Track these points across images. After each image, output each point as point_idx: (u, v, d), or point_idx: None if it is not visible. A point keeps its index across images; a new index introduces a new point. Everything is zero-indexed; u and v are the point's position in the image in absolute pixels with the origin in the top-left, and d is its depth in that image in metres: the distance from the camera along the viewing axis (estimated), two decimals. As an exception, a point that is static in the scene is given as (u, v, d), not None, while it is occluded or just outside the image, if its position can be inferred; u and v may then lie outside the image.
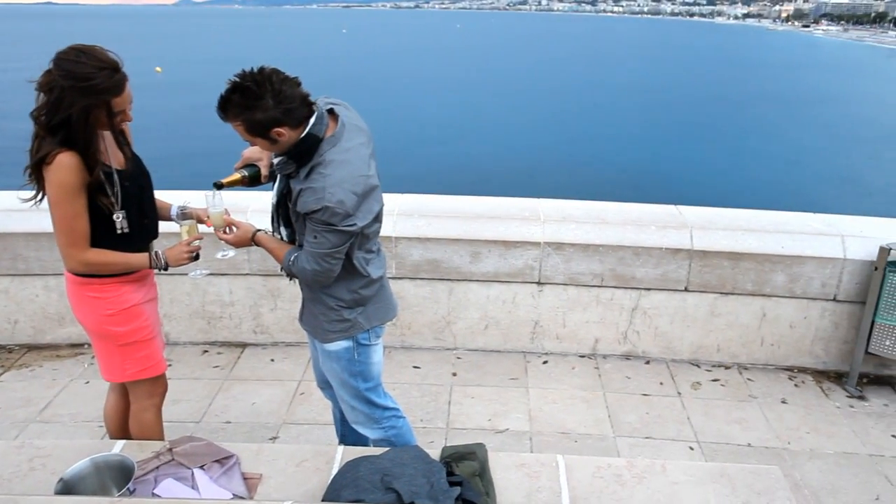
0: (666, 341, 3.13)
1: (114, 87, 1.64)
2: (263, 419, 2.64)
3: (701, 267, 2.98)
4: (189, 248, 1.87)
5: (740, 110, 25.13)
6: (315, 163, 1.63)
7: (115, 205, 1.77)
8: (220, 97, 1.54)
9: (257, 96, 1.51)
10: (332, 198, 1.57)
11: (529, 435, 2.59)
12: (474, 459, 1.80)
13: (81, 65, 1.61)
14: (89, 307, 1.88)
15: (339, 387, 1.95)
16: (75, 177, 1.69)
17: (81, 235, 1.76)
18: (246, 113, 1.53)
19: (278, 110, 1.53)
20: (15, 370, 2.99)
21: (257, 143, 1.63)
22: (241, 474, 1.77)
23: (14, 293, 3.08)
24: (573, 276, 3.02)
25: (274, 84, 1.53)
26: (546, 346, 3.16)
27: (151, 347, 1.99)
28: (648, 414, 2.74)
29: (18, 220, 3.00)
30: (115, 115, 1.69)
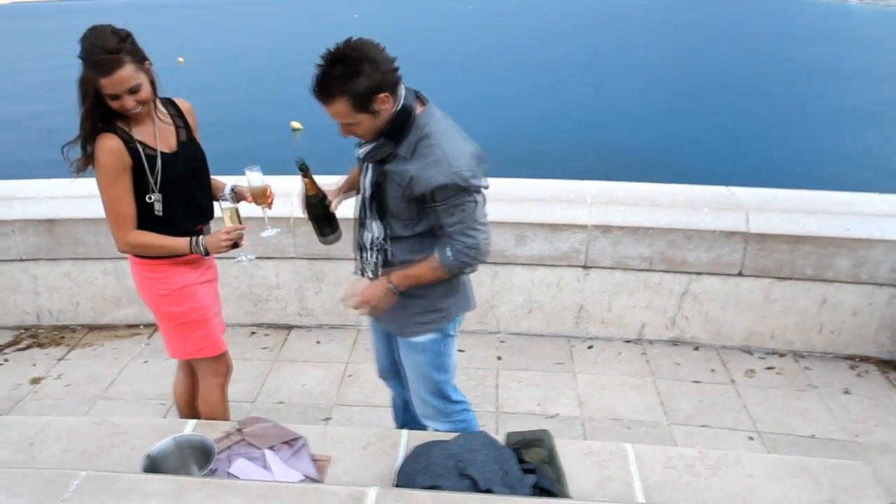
0: (716, 327, 3.00)
1: (100, 66, 1.57)
2: (315, 400, 2.63)
3: (757, 250, 2.83)
4: (228, 237, 1.80)
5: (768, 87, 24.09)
6: (418, 137, 1.53)
7: (153, 188, 1.75)
8: (317, 78, 1.46)
9: (357, 62, 1.43)
10: (457, 163, 1.50)
11: (581, 420, 2.51)
12: (542, 446, 1.73)
13: (85, 40, 1.60)
14: (147, 286, 1.88)
15: (417, 380, 1.85)
16: (116, 159, 1.68)
17: (126, 217, 1.74)
18: (350, 83, 1.43)
19: (378, 73, 1.45)
20: (80, 349, 3.04)
21: (360, 122, 1.50)
22: (310, 456, 1.76)
23: (76, 276, 3.12)
24: (621, 259, 2.90)
25: (367, 48, 1.45)
26: (591, 330, 3.06)
27: (207, 328, 1.97)
28: (702, 402, 2.63)
29: (79, 207, 3.03)
30: (110, 98, 1.62)
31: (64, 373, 2.85)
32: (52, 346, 3.07)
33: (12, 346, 3.09)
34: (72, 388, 2.75)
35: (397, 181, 1.58)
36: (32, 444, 1.85)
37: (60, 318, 3.21)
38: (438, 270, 1.62)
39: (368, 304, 1.70)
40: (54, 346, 3.07)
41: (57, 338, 3.13)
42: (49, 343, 3.09)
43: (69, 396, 2.69)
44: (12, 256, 3.07)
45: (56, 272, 3.11)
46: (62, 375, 2.84)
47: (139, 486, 1.36)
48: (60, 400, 2.67)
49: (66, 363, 2.93)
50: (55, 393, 2.72)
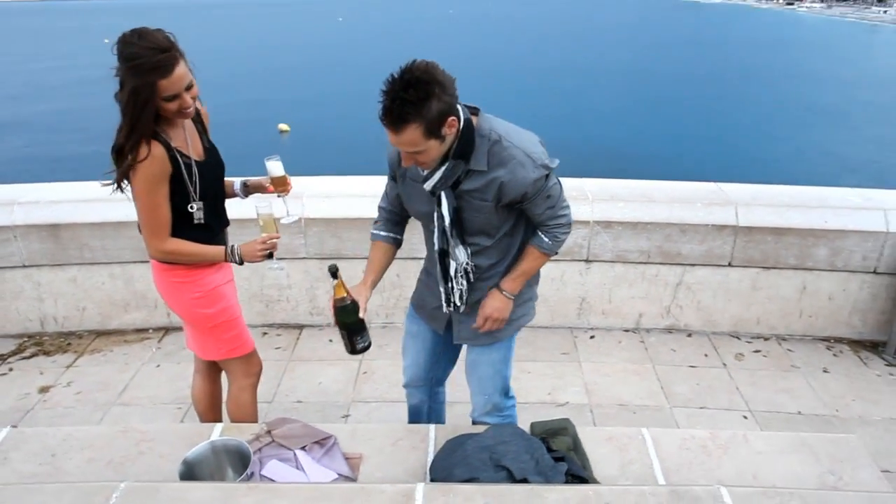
0: (707, 314, 3.10)
1: (158, 67, 1.52)
2: (332, 398, 2.62)
3: (745, 242, 2.93)
4: (264, 246, 1.79)
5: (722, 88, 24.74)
6: (489, 145, 1.49)
7: (194, 197, 1.72)
8: (386, 106, 1.36)
9: (428, 84, 1.35)
10: (537, 155, 1.51)
11: (589, 407, 2.57)
12: (566, 434, 1.78)
13: (130, 45, 1.53)
14: (176, 293, 1.85)
15: (489, 379, 1.85)
16: (160, 167, 1.63)
17: (162, 225, 1.71)
18: (424, 107, 1.35)
19: (447, 95, 1.38)
20: (88, 355, 2.96)
21: (429, 149, 1.42)
22: (343, 454, 1.76)
23: (82, 281, 3.03)
24: (621, 253, 2.97)
25: (435, 70, 1.38)
26: (592, 321, 3.13)
27: (238, 327, 1.96)
28: (699, 385, 2.72)
29: (85, 211, 2.94)
30: (166, 100, 1.57)
31: (73, 380, 2.78)
32: (58, 353, 2.98)
33: (16, 354, 2.98)
34: (83, 395, 2.68)
35: (481, 195, 1.54)
36: (55, 455, 1.80)
37: (66, 324, 3.12)
38: (542, 259, 1.67)
39: (496, 320, 1.70)
40: (61, 353, 2.99)
41: (63, 345, 3.04)
42: (55, 350, 3.00)
43: (81, 404, 2.62)
44: (14, 263, 2.97)
45: (61, 278, 3.02)
46: (72, 383, 2.76)
47: (183, 495, 1.32)
48: (72, 408, 2.60)
49: (75, 370, 2.85)
50: (66, 401, 2.65)
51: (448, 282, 1.71)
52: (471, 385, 1.92)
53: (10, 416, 2.55)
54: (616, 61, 31.78)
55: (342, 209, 2.95)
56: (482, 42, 40.18)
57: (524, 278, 1.71)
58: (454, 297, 1.72)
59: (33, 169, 13.53)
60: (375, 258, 1.76)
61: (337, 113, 19.33)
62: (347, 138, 15.27)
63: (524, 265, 1.68)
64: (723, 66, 29.91)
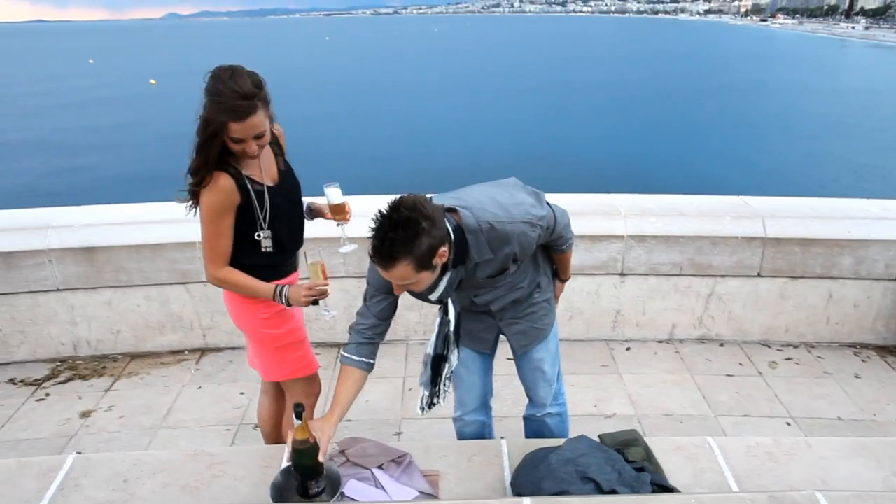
0: (738, 324, 3.17)
1: (234, 111, 1.54)
2: (382, 415, 2.62)
3: (774, 253, 3.01)
4: (310, 293, 1.77)
5: (699, 103, 25.38)
6: (484, 236, 1.50)
7: (262, 225, 1.73)
8: (376, 246, 1.36)
9: (416, 222, 1.35)
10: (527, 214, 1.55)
11: (637, 418, 2.60)
12: (638, 445, 1.80)
13: (220, 81, 1.55)
14: (245, 312, 1.85)
15: (551, 364, 1.92)
16: (226, 198, 1.65)
17: (220, 254, 1.73)
18: (413, 245, 1.35)
19: (437, 229, 1.38)
20: (125, 378, 2.92)
21: (420, 280, 1.43)
22: (420, 471, 1.76)
23: (116, 304, 3.00)
24: (654, 266, 3.03)
25: (422, 206, 1.37)
26: (627, 333, 3.18)
27: (304, 348, 1.97)
28: (739, 393, 2.77)
29: (121, 234, 2.93)
30: (232, 141, 1.59)
31: (114, 404, 2.74)
32: (94, 377, 2.94)
33: (51, 379, 2.94)
34: (126, 419, 2.64)
35: (499, 271, 1.61)
36: (127, 481, 1.78)
37: (99, 347, 3.08)
38: (570, 253, 1.86)
39: None
40: (97, 376, 2.94)
41: (98, 368, 3.00)
42: (91, 374, 2.96)
43: (126, 428, 2.58)
44: (48, 287, 2.93)
45: (96, 301, 2.99)
46: (113, 407, 2.72)
47: None
48: (117, 433, 2.56)
49: (115, 394, 2.81)
50: (110, 426, 2.60)
51: (437, 385, 1.78)
52: (532, 381, 1.95)
53: (55, 441, 2.51)
54: (594, 78, 32.41)
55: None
56: (466, 60, 40.73)
57: (568, 268, 1.94)
58: (438, 400, 1.81)
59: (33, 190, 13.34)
60: (345, 389, 1.64)
61: (344, 131, 19.41)
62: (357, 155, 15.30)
63: (564, 261, 1.89)
64: (703, 80, 30.67)
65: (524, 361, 1.93)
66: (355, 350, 1.64)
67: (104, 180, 14.74)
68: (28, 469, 1.80)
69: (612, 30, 68.95)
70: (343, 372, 1.65)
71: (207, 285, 2.98)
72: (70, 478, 1.77)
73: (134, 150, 18.13)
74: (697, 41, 57.88)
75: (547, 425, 2.03)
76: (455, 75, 33.36)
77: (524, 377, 1.97)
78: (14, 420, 2.65)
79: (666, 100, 26.14)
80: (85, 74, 37.69)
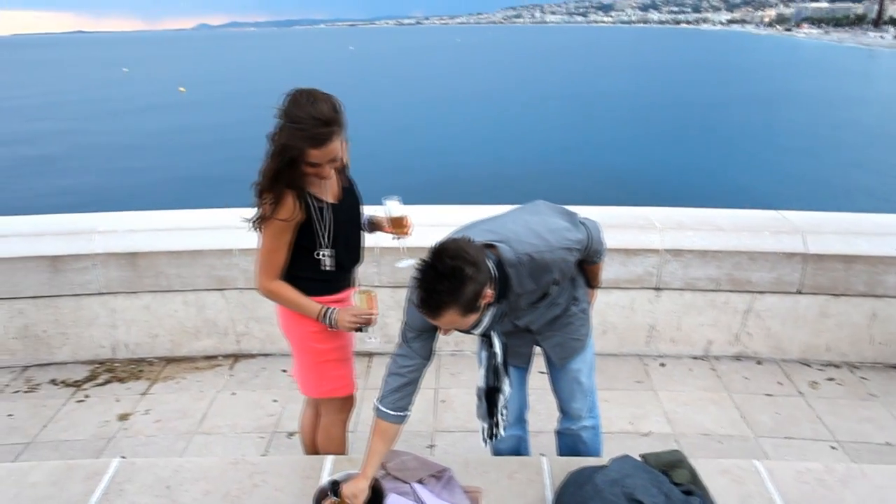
0: (776, 342, 3.08)
1: (314, 138, 1.54)
2: (414, 427, 2.59)
3: (815, 270, 2.92)
4: (356, 320, 1.77)
5: (725, 113, 24.97)
6: (525, 269, 1.49)
7: (322, 243, 1.72)
8: (422, 298, 1.37)
9: (461, 271, 1.34)
10: (564, 241, 1.55)
11: (674, 437, 2.53)
12: (683, 467, 1.75)
13: (300, 108, 1.54)
14: (296, 323, 1.84)
15: (588, 377, 1.90)
16: (289, 215, 1.64)
17: (274, 267, 1.73)
18: (459, 294, 1.35)
19: (480, 273, 1.37)
20: (162, 382, 2.96)
21: (467, 321, 1.43)
22: (461, 488, 1.73)
23: (155, 308, 3.05)
24: (690, 281, 2.97)
25: (465, 251, 1.37)
26: (661, 348, 3.11)
27: (346, 368, 1.95)
28: (779, 414, 2.68)
29: (161, 239, 2.98)
30: (309, 165, 1.59)
31: (151, 408, 2.77)
32: (131, 380, 2.99)
33: (90, 381, 2.99)
34: (163, 423, 2.67)
35: (532, 299, 1.61)
36: (169, 487, 1.79)
37: (137, 350, 3.13)
38: (602, 264, 1.84)
39: None
40: (134, 379, 2.99)
41: (135, 371, 3.05)
42: (128, 377, 3.00)
43: (163, 433, 2.61)
44: (91, 290, 2.99)
45: (135, 305, 3.04)
46: (150, 411, 2.75)
47: None
48: (154, 437, 2.59)
49: (151, 398, 2.84)
50: (147, 430, 2.63)
51: (493, 416, 1.76)
52: (569, 392, 1.92)
53: (94, 443, 2.55)
54: (616, 88, 32.18)
55: (417, 238, 2.95)
56: (488, 70, 40.81)
57: (599, 275, 1.91)
58: (499, 430, 1.79)
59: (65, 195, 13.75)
60: (379, 445, 1.61)
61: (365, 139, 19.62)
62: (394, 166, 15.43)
63: (595, 271, 1.86)
64: (727, 91, 30.22)
65: (561, 373, 1.90)
66: (392, 403, 1.60)
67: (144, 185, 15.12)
68: (75, 472, 1.83)
69: (634, 40, 68.59)
70: (378, 427, 1.61)
71: (243, 292, 3.04)
72: (115, 482, 1.79)
73: (166, 155, 18.57)
74: (721, 51, 57.17)
75: (581, 439, 1.99)
76: (477, 85, 33.49)
77: (560, 389, 1.94)
78: (55, 420, 2.70)
79: (689, 110, 25.83)
80: (119, 82, 39.10)
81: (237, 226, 3.10)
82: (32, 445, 2.54)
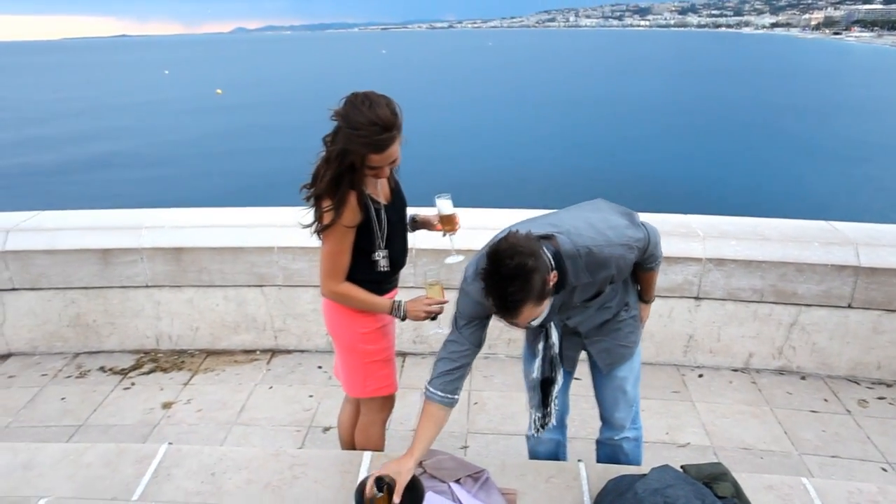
0: (822, 357, 2.97)
1: (375, 144, 1.55)
2: (448, 428, 2.56)
3: (867, 284, 2.82)
4: (429, 308, 1.79)
5: (767, 120, 24.17)
6: (583, 260, 1.50)
7: (379, 245, 1.75)
8: (497, 305, 1.38)
9: (524, 267, 1.35)
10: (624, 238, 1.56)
11: (713, 450, 2.48)
12: (726, 480, 1.71)
13: (359, 113, 1.54)
14: (346, 324, 1.86)
15: (633, 387, 1.89)
16: (352, 216, 1.66)
17: (340, 269, 1.74)
18: (529, 290, 1.36)
19: (541, 261, 1.39)
20: (202, 374, 3.06)
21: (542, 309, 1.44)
22: (498, 489, 1.74)
23: (197, 302, 3.16)
24: (733, 291, 2.90)
25: (522, 244, 1.38)
26: (699, 359, 3.05)
27: (390, 367, 1.97)
28: (825, 432, 2.59)
29: (205, 236, 3.08)
30: (369, 168, 1.61)
31: (192, 398, 2.87)
32: (174, 370, 3.10)
33: (136, 369, 3.11)
34: (204, 413, 2.76)
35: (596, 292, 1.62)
36: (213, 474, 1.85)
37: (179, 342, 3.24)
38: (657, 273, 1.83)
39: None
40: (176, 370, 3.10)
41: (177, 362, 3.16)
42: (171, 367, 3.12)
43: (204, 422, 2.70)
44: (138, 283, 3.12)
45: (179, 298, 3.15)
46: (191, 400, 2.85)
47: None
48: (196, 426, 2.68)
49: (193, 388, 2.94)
50: (189, 418, 2.73)
51: (547, 406, 1.76)
52: (612, 402, 1.91)
53: (140, 429, 2.65)
54: (651, 93, 31.59)
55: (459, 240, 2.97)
56: (521, 74, 40.62)
57: (653, 287, 1.89)
58: (550, 419, 1.80)
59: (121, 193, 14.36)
60: (427, 427, 1.63)
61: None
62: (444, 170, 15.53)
63: (650, 280, 1.84)
64: (764, 97, 29.31)
65: (605, 380, 1.89)
66: (441, 385, 1.62)
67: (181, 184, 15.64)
68: (126, 455, 1.91)
69: (671, 44, 67.26)
70: (427, 410, 1.63)
71: (282, 289, 3.12)
72: (163, 466, 1.86)
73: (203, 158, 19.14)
74: (761, 56, 55.44)
75: (623, 450, 1.97)
76: (509, 89, 33.39)
77: (603, 397, 1.93)
78: (104, 406, 2.82)
79: (728, 116, 25.16)
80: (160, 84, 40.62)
81: (277, 224, 3.21)
82: (83, 428, 2.66)
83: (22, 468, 1.85)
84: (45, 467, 1.85)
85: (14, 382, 3.01)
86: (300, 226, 1.73)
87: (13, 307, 3.17)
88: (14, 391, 2.93)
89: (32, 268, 3.08)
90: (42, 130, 23.25)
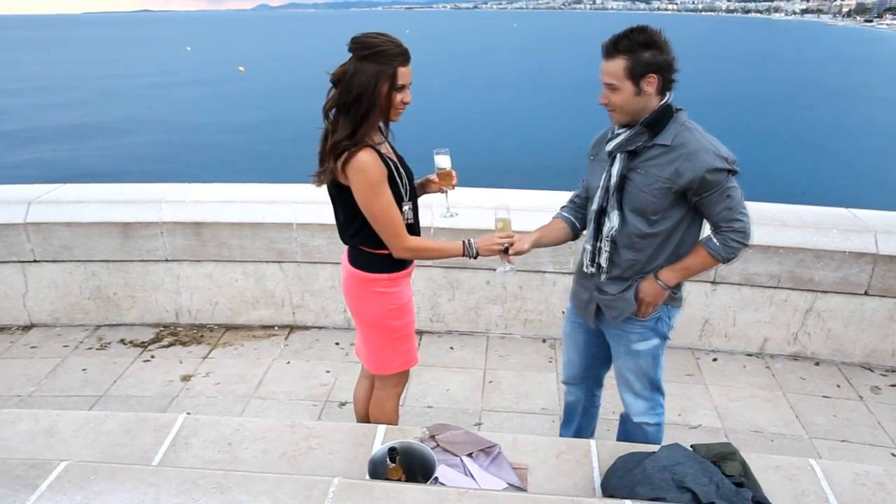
0: (837, 344, 2.97)
1: (400, 55, 1.64)
2: (462, 405, 2.67)
3: (885, 271, 2.80)
4: (501, 241, 1.84)
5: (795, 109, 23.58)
6: (680, 129, 1.63)
7: (404, 196, 1.77)
8: (615, 35, 1.59)
9: (652, 39, 1.57)
10: (723, 150, 1.62)
11: (724, 432, 2.51)
12: (735, 459, 1.74)
13: (372, 38, 1.64)
14: (375, 302, 1.86)
15: (639, 376, 1.91)
16: (379, 170, 1.67)
17: (399, 223, 1.74)
18: (638, 50, 1.57)
19: (662, 58, 1.59)
20: (221, 348, 3.15)
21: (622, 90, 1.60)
22: (509, 464, 1.79)
23: (217, 277, 3.24)
24: (749, 276, 2.90)
25: (663, 39, 1.59)
26: (714, 343, 3.06)
27: (413, 341, 2.01)
28: (836, 417, 2.61)
29: (225, 211, 3.14)
30: (398, 88, 1.65)
31: (211, 371, 2.95)
32: (193, 344, 3.19)
33: (156, 342, 3.21)
34: (222, 386, 2.85)
35: (657, 171, 1.64)
36: (231, 443, 1.91)
37: (199, 317, 3.33)
38: (707, 260, 1.71)
39: (648, 304, 1.78)
40: (195, 344, 3.19)
41: (197, 336, 3.25)
42: (190, 341, 3.21)
43: (222, 395, 2.78)
44: (158, 257, 3.20)
45: (199, 273, 3.23)
46: (210, 374, 2.94)
47: (399, 495, 1.36)
48: (214, 398, 2.77)
49: (211, 361, 3.03)
50: (207, 391, 2.82)
51: (598, 240, 1.79)
52: (619, 385, 1.97)
53: (160, 401, 2.75)
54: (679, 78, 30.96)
55: (468, 220, 3.00)
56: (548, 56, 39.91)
57: (684, 273, 1.74)
58: (599, 258, 1.80)
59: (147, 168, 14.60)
60: (548, 226, 1.96)
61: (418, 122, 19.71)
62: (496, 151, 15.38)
63: (688, 261, 1.73)
64: (796, 84, 28.56)
65: (628, 359, 1.92)
66: (565, 209, 1.98)
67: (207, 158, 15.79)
68: (145, 423, 1.99)
69: (700, 29, 65.41)
70: (552, 221, 1.97)
71: (300, 265, 3.18)
72: (181, 435, 1.94)
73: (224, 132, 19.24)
74: (790, 41, 53.77)
75: (643, 430, 2.01)
76: (536, 71, 32.88)
77: (624, 380, 1.98)
78: (124, 377, 2.92)
79: (751, 103, 24.59)
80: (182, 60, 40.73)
81: (297, 200, 3.25)
82: (104, 398, 2.77)
83: (44, 434, 1.91)
84: (67, 433, 1.92)
85: (36, 353, 3.12)
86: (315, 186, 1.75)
87: (35, 279, 3.27)
88: (36, 361, 3.04)
89: (54, 240, 3.17)
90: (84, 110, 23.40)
